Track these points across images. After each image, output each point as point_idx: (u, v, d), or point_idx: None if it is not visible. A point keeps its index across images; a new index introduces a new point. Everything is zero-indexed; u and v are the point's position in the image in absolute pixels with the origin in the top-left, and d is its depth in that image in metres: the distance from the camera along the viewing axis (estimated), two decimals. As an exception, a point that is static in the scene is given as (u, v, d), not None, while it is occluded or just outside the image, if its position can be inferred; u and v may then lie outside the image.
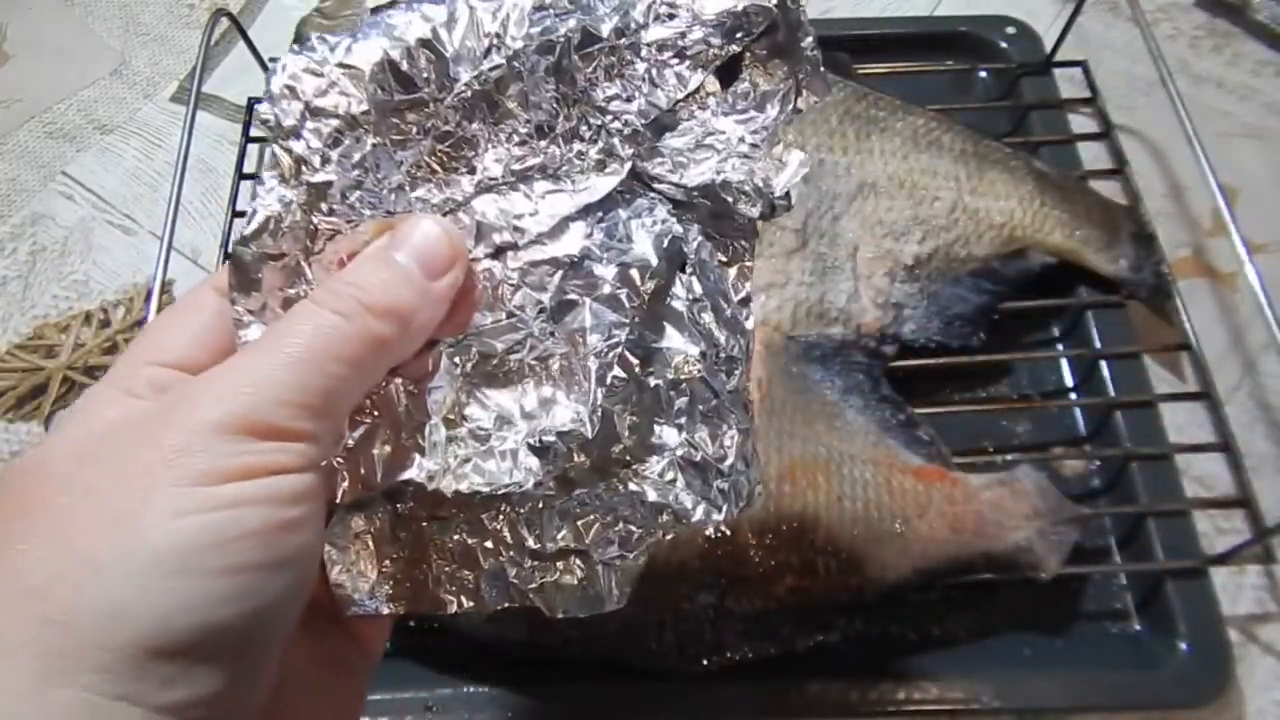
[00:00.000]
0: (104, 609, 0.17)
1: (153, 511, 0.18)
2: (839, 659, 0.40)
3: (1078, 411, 0.48)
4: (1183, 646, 0.40)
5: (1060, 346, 0.50)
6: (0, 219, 0.57)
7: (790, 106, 0.26)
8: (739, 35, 0.25)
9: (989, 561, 0.40)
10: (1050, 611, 0.43)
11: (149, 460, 0.19)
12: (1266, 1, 0.61)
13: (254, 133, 0.56)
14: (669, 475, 0.25)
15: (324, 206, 0.24)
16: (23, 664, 0.17)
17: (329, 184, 0.23)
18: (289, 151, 0.23)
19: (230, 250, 0.24)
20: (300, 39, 0.63)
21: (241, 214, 0.53)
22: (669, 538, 0.25)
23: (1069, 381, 0.49)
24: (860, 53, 0.55)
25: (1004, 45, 0.59)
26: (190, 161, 0.47)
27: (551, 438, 0.23)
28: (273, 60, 0.31)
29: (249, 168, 0.55)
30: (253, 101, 0.57)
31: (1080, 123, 0.57)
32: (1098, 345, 0.48)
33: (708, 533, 0.39)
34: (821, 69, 0.26)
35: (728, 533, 0.39)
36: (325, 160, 0.23)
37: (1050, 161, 0.52)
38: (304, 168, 0.23)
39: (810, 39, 0.26)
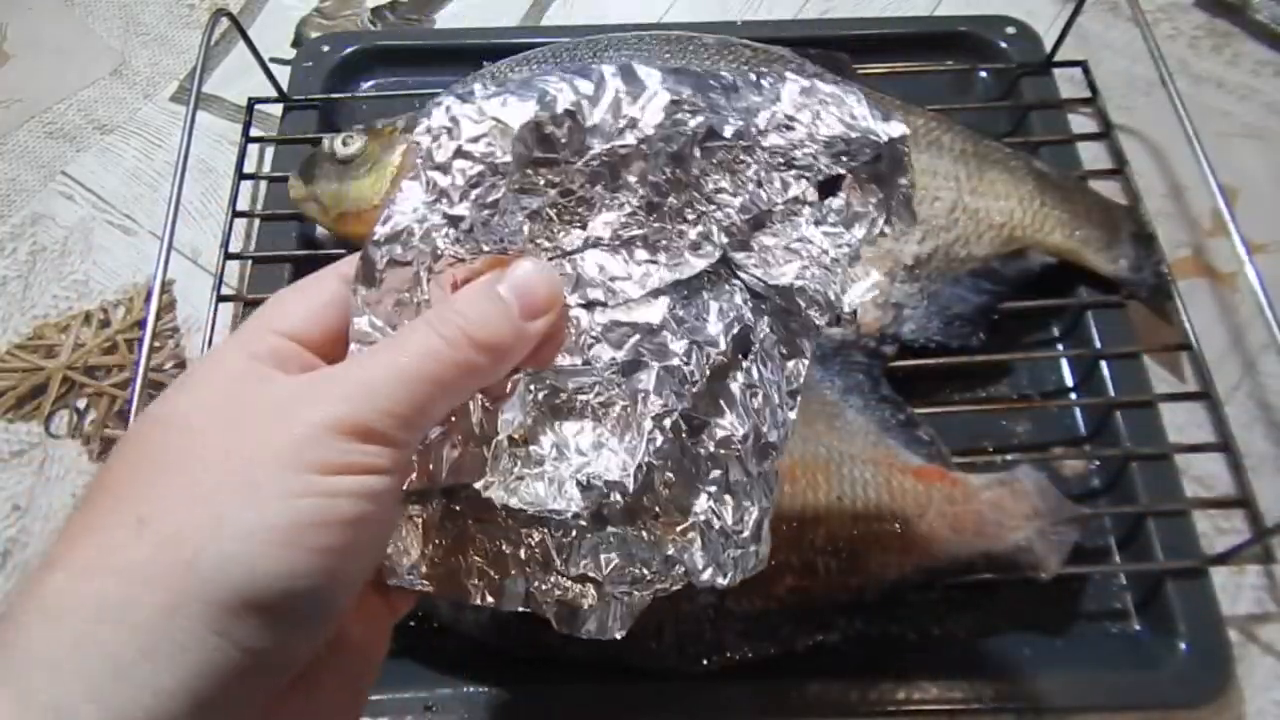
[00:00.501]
0: (221, 562, 0.20)
1: (273, 489, 0.21)
2: (839, 659, 0.40)
3: (1078, 411, 0.48)
4: (1183, 646, 0.40)
5: (1060, 346, 0.50)
6: (0, 219, 0.57)
7: (876, 230, 0.28)
8: (844, 158, 0.28)
9: (989, 561, 0.40)
10: (1050, 611, 0.43)
11: (277, 441, 0.22)
12: (1266, 1, 0.61)
13: (254, 133, 0.56)
14: (690, 535, 0.27)
15: (452, 234, 0.26)
16: (157, 592, 0.20)
17: (461, 218, 0.26)
18: (434, 182, 0.26)
19: (364, 246, 0.26)
20: (299, 40, 0.63)
21: (241, 214, 0.53)
22: (675, 589, 0.27)
23: (1069, 381, 0.49)
24: (860, 53, 0.55)
25: (1004, 45, 0.59)
26: (190, 161, 0.48)
27: (598, 481, 0.26)
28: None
29: (249, 168, 0.55)
30: (253, 102, 0.57)
31: (1080, 123, 0.57)
32: (1098, 345, 0.48)
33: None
34: (912, 205, 0.29)
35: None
36: (464, 197, 0.26)
37: (1050, 161, 0.52)
38: (444, 199, 0.26)
39: (907, 179, 0.28)
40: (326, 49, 0.59)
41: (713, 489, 0.28)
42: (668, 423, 0.26)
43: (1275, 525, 0.41)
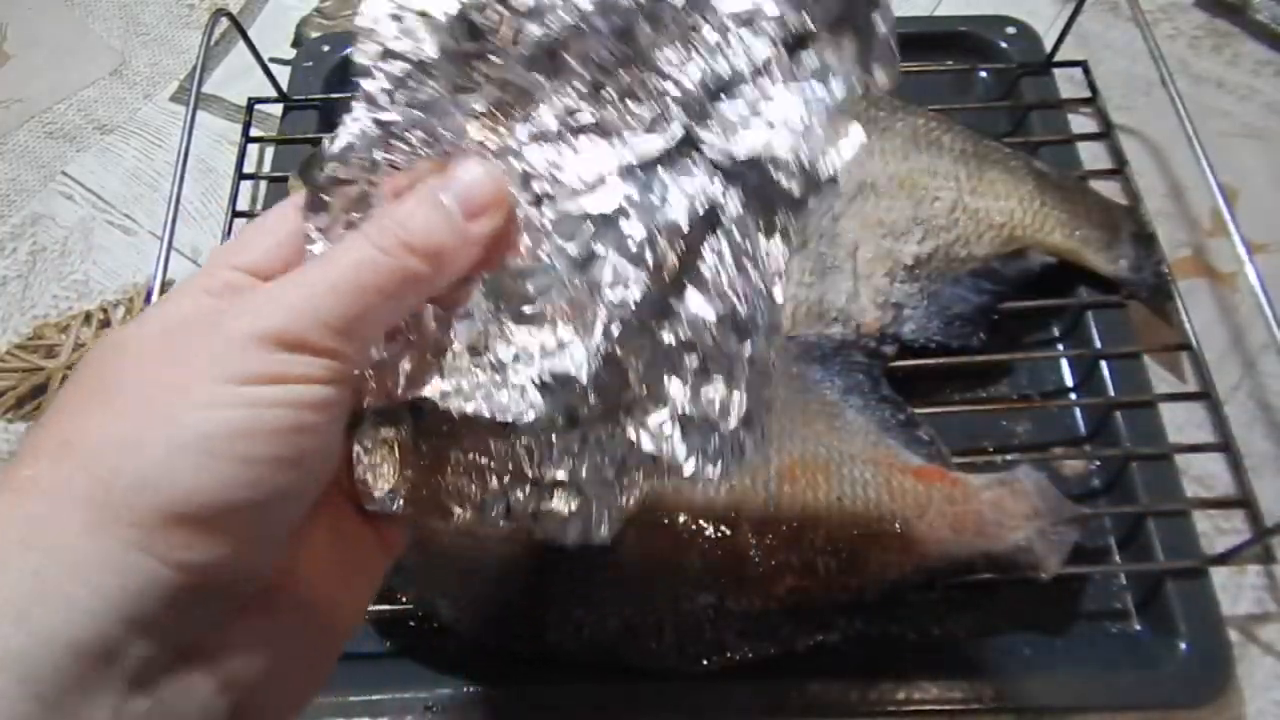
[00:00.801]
0: (140, 478, 0.20)
1: (191, 402, 0.21)
2: (839, 659, 0.40)
3: (1078, 411, 0.48)
4: (1183, 646, 0.40)
5: (1060, 346, 0.50)
6: (0, 219, 0.57)
7: (857, 84, 0.26)
8: (812, 4, 0.25)
9: (989, 561, 0.40)
10: (1050, 611, 0.43)
11: (198, 358, 0.22)
12: (1266, 1, 0.61)
13: (254, 133, 0.56)
14: (667, 428, 0.26)
15: (387, 142, 0.25)
16: (78, 511, 0.20)
17: (394, 122, 0.25)
18: (362, 89, 0.25)
19: (308, 173, 0.26)
20: (299, 40, 0.63)
21: (241, 214, 0.53)
22: (664, 484, 0.26)
23: (1069, 381, 0.49)
24: (860, 53, 0.55)
25: (1004, 45, 0.59)
26: (190, 161, 0.47)
27: (550, 379, 0.25)
28: None
29: (249, 168, 0.55)
30: (253, 102, 0.57)
31: (1080, 123, 0.57)
32: (1098, 345, 0.48)
33: (708, 533, 0.39)
34: (893, 46, 0.25)
35: (728, 532, 0.39)
36: (392, 100, 0.25)
37: (1050, 161, 0.52)
38: (372, 105, 0.25)
39: (886, 23, 0.25)
40: (326, 49, 0.59)
41: (689, 376, 0.26)
42: (630, 312, 0.25)
43: (1275, 525, 0.41)
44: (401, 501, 0.27)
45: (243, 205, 0.54)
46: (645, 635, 0.39)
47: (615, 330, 0.25)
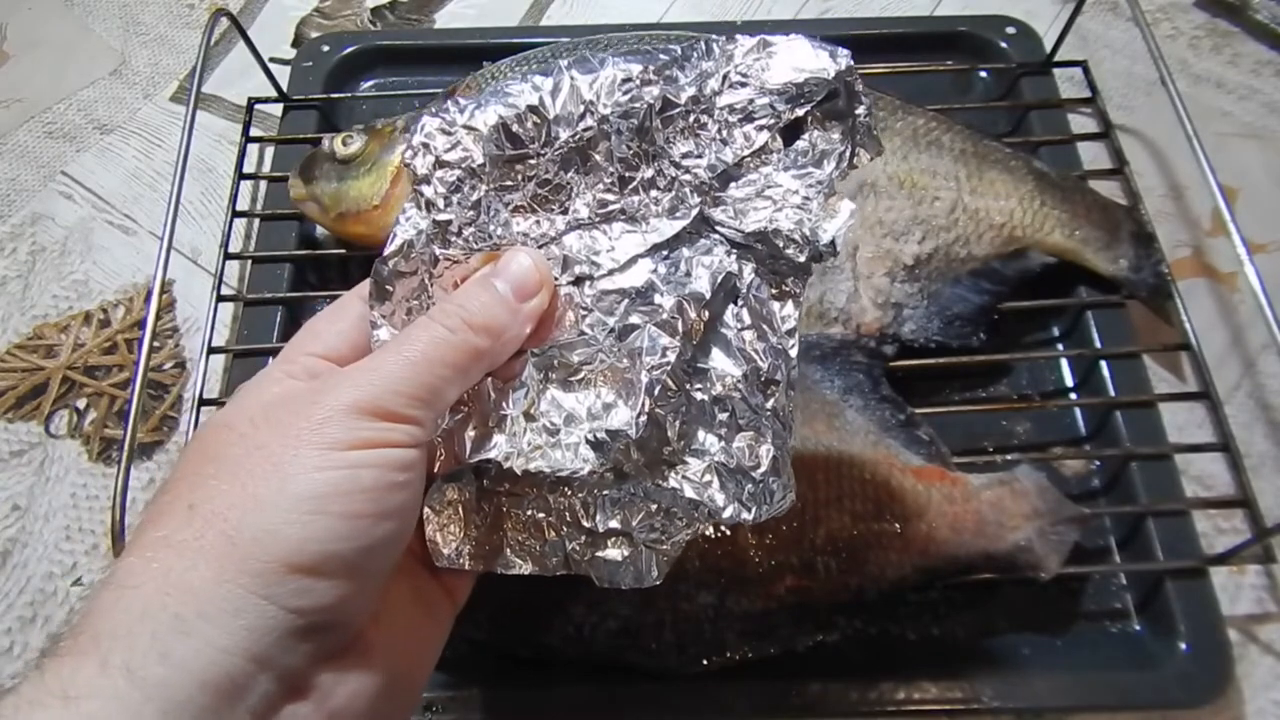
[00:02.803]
0: (260, 532, 0.23)
1: (299, 465, 0.24)
2: (839, 659, 0.40)
3: (1078, 411, 0.48)
4: (1183, 646, 0.40)
5: (1060, 346, 0.50)
6: (0, 219, 0.57)
7: (845, 164, 0.30)
8: (801, 101, 0.29)
9: (989, 561, 0.40)
10: (1050, 611, 0.43)
11: (300, 428, 0.25)
12: (1266, 1, 0.61)
13: (254, 133, 0.56)
14: (706, 477, 0.29)
15: (444, 239, 0.29)
16: (206, 564, 0.23)
17: (449, 221, 0.29)
18: (421, 194, 0.29)
19: (373, 267, 0.29)
20: (299, 40, 0.63)
21: (241, 214, 0.53)
22: (704, 529, 0.29)
23: (1069, 381, 0.49)
24: (860, 53, 0.54)
25: (1004, 45, 0.59)
26: (190, 161, 0.47)
27: (604, 435, 0.28)
28: (267, 60, 0.32)
29: (249, 168, 0.55)
30: (253, 102, 0.56)
31: (1080, 123, 0.57)
32: (1098, 345, 0.48)
33: (708, 533, 0.39)
34: (875, 132, 0.30)
35: (728, 533, 0.39)
36: (448, 203, 0.29)
37: (1050, 161, 0.52)
38: (431, 208, 0.29)
39: (863, 107, 0.30)
40: (326, 49, 0.59)
41: (722, 430, 0.29)
42: (666, 374, 0.28)
43: (1275, 525, 0.41)
44: (468, 557, 0.30)
45: (243, 205, 0.54)
46: (645, 635, 0.39)
47: (655, 390, 0.28)
